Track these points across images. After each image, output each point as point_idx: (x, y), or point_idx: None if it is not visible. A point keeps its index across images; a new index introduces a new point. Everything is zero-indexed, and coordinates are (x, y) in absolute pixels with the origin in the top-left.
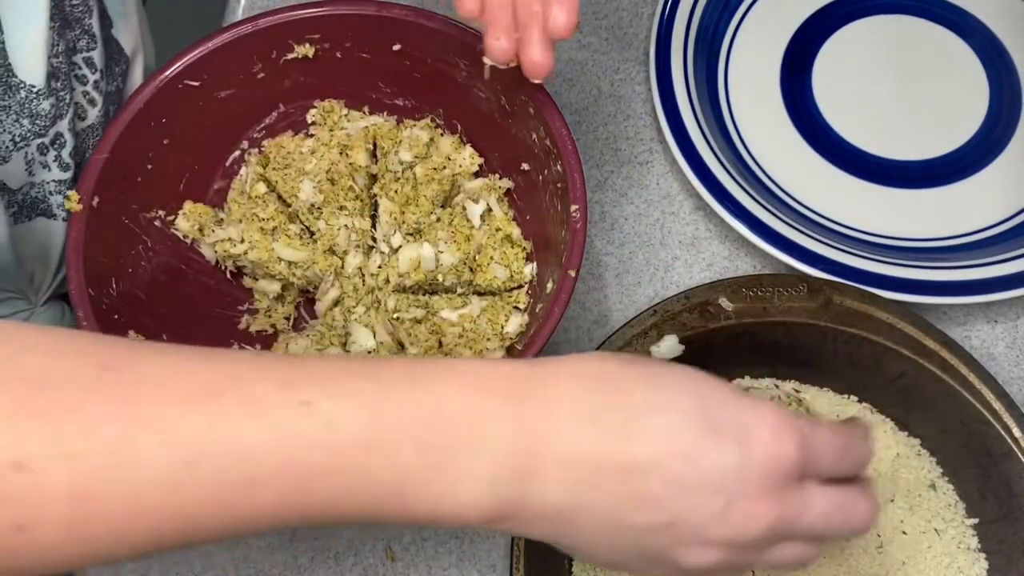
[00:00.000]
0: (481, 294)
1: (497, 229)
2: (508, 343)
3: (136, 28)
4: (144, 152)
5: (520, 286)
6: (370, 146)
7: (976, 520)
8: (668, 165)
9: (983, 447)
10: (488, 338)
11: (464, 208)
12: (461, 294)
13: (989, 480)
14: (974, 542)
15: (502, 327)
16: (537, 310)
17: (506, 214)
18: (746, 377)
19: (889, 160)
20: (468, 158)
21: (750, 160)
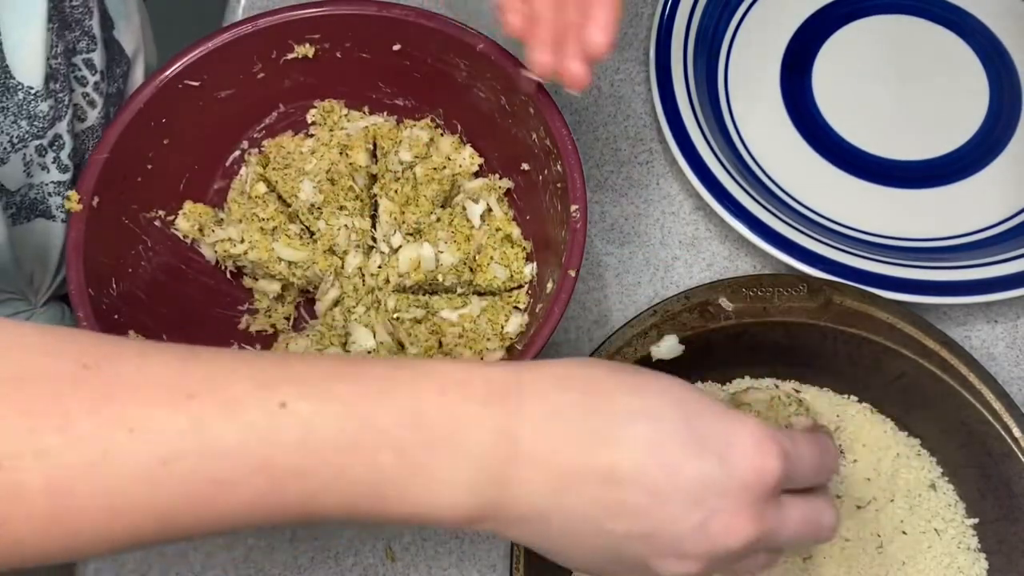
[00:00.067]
0: (481, 294)
1: (497, 229)
2: (508, 343)
3: (137, 29)
4: (144, 152)
5: (520, 286)
6: (370, 146)
7: (976, 520)
8: (668, 165)
9: (983, 447)
10: (488, 338)
11: (464, 208)
12: (461, 294)
13: (989, 480)
14: (974, 542)
15: (502, 327)
16: (537, 310)
17: (506, 214)
18: (746, 377)
19: (889, 160)
20: (468, 158)
21: (750, 160)
